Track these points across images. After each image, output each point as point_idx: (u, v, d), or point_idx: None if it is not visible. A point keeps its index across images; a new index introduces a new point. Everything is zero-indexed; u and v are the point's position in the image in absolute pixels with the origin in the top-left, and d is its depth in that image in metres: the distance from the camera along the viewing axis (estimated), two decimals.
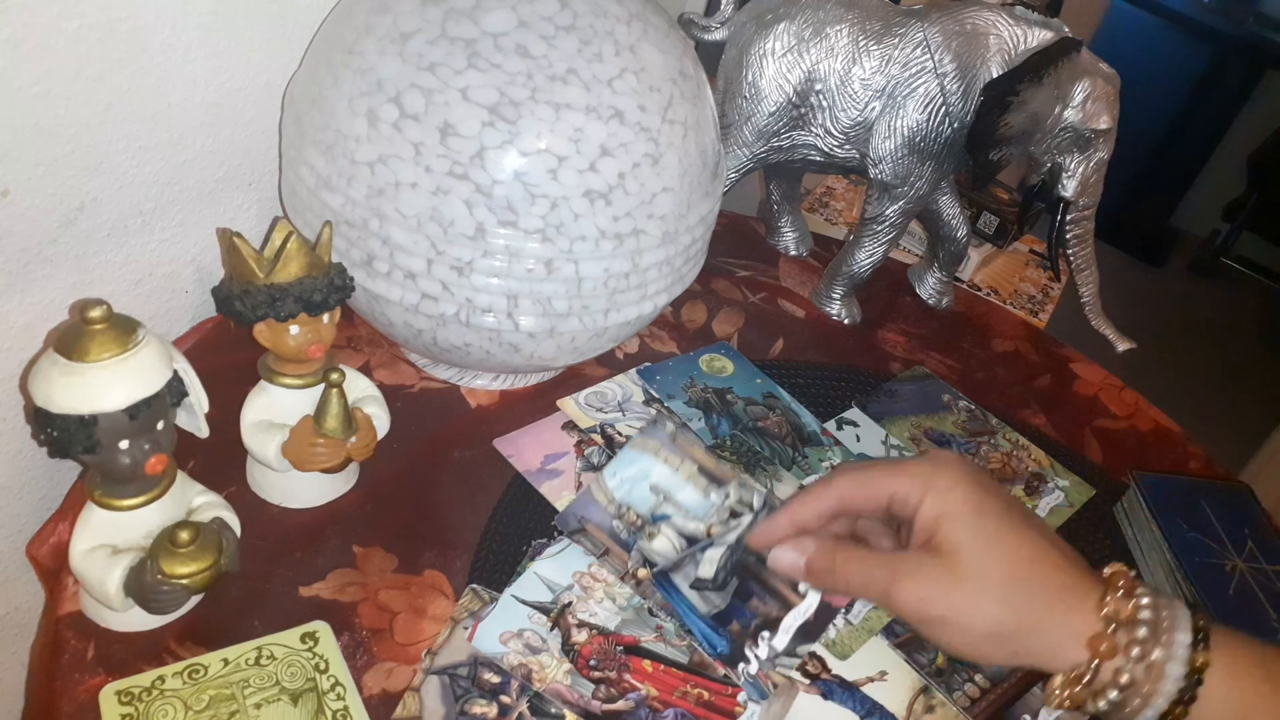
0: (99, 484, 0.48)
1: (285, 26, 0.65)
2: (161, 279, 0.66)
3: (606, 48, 0.56)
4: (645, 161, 0.57)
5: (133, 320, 0.46)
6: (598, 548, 0.57)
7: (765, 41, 0.78)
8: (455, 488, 0.62)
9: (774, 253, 0.96)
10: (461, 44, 0.54)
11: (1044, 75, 0.72)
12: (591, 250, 0.57)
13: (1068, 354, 0.92)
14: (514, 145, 0.54)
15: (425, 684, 0.49)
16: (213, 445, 0.54)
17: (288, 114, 0.62)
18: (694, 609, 0.55)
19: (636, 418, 0.68)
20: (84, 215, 0.58)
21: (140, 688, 0.46)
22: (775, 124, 0.79)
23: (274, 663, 0.48)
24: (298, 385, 0.55)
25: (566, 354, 0.63)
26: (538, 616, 0.53)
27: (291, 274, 0.52)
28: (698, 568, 0.57)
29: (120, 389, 0.45)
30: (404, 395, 0.67)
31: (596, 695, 0.50)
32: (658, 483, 0.61)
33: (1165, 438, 0.84)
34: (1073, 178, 0.78)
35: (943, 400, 0.80)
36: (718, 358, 0.76)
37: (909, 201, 0.80)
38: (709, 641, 0.54)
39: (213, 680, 0.47)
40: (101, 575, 0.47)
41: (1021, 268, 1.28)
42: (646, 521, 0.59)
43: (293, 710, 0.47)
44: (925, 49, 0.75)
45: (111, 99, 0.56)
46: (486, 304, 0.57)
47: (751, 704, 0.52)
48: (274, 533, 0.56)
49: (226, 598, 0.52)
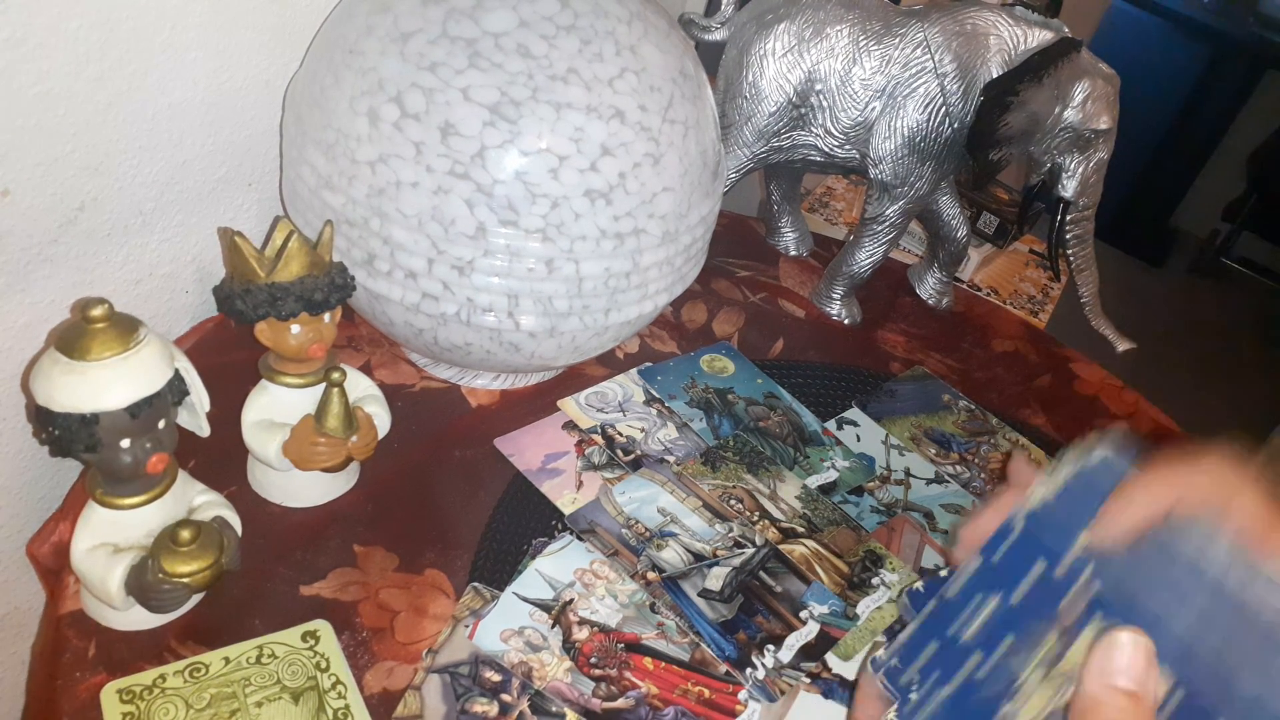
0: (100, 483, 0.48)
1: (286, 26, 0.65)
2: (162, 278, 0.66)
3: (607, 47, 0.56)
4: (646, 161, 0.57)
5: (134, 319, 0.46)
6: (607, 548, 0.58)
7: (766, 41, 0.78)
8: (456, 487, 0.62)
9: (774, 253, 0.96)
10: (462, 43, 0.54)
11: (1044, 75, 0.72)
12: (592, 250, 0.57)
13: (1068, 354, 0.92)
14: (515, 145, 0.54)
15: (426, 682, 0.49)
16: (214, 444, 0.54)
17: (288, 113, 0.62)
18: (702, 614, 0.55)
19: (637, 418, 0.68)
20: (84, 215, 0.58)
21: (141, 686, 0.46)
22: (775, 124, 0.80)
23: (275, 661, 0.48)
24: (299, 384, 0.55)
25: (567, 353, 0.63)
26: (539, 614, 0.54)
27: (293, 273, 0.52)
28: (705, 580, 0.57)
29: (121, 388, 0.45)
30: (405, 395, 0.67)
31: (597, 693, 0.50)
32: (665, 506, 0.61)
33: (1165, 438, 0.84)
34: (1073, 178, 0.78)
35: (943, 400, 0.80)
36: (718, 358, 0.76)
37: (909, 201, 0.80)
38: (717, 645, 0.54)
39: (214, 679, 0.47)
40: (103, 574, 0.47)
41: (1021, 268, 1.28)
42: (655, 535, 0.59)
43: (294, 709, 0.47)
44: (925, 49, 0.75)
45: (112, 99, 0.56)
46: (487, 303, 0.57)
47: (752, 702, 0.52)
48: (275, 532, 0.56)
49: (227, 597, 0.52)
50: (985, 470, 0.74)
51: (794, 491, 0.66)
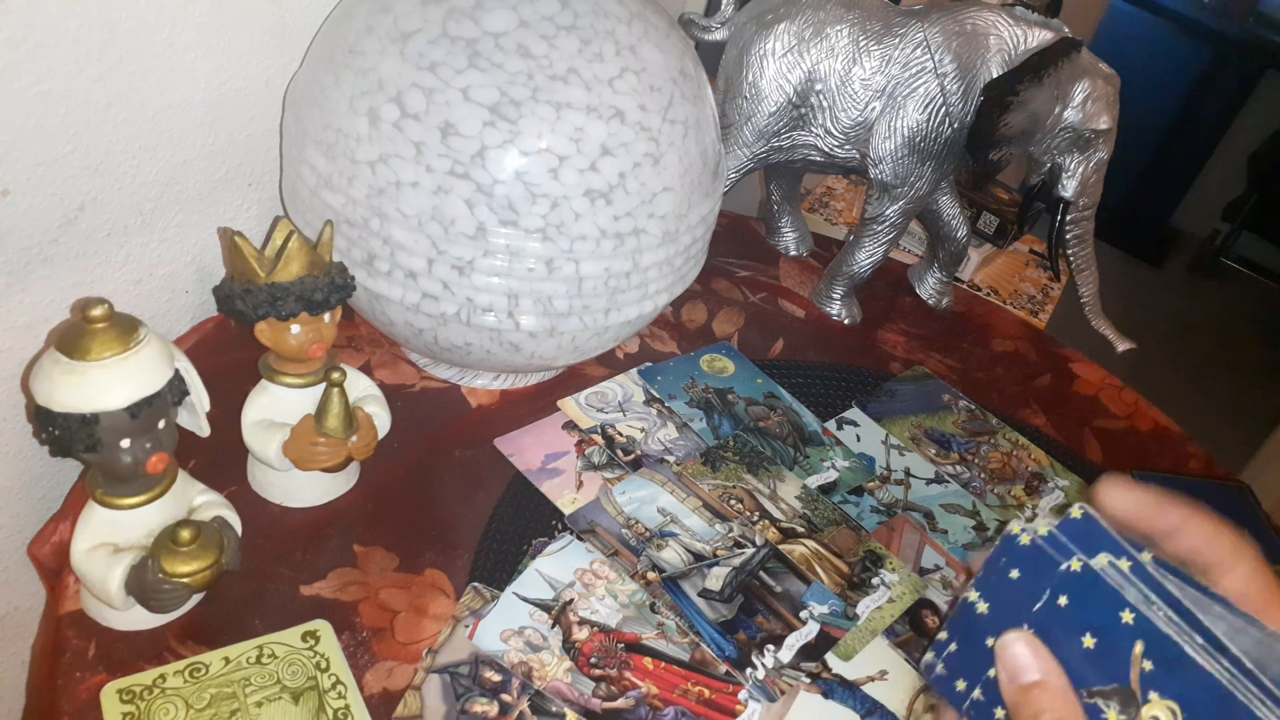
0: (100, 483, 0.48)
1: (286, 26, 0.65)
2: (162, 279, 0.66)
3: (607, 47, 0.56)
4: (646, 161, 0.57)
5: (134, 319, 0.46)
6: (607, 548, 0.58)
7: (766, 41, 0.78)
8: (456, 487, 0.62)
9: (774, 253, 0.96)
10: (462, 43, 0.54)
11: (1044, 75, 0.72)
12: (592, 250, 0.57)
13: (1068, 354, 0.92)
14: (515, 145, 0.54)
15: (426, 683, 0.49)
16: (214, 444, 0.54)
17: (288, 113, 0.62)
18: (702, 614, 0.55)
19: (637, 418, 0.68)
20: (84, 215, 0.58)
21: (141, 686, 0.46)
22: (775, 124, 0.80)
23: (275, 661, 0.48)
24: (299, 384, 0.55)
25: (567, 353, 0.63)
26: (539, 614, 0.54)
27: (293, 273, 0.52)
28: (705, 580, 0.57)
29: (121, 388, 0.45)
30: (405, 395, 0.67)
31: (597, 693, 0.50)
32: (665, 506, 0.61)
33: (1165, 438, 0.84)
34: (1073, 178, 0.78)
35: (943, 400, 0.80)
36: (718, 358, 0.76)
37: (909, 201, 0.80)
38: (717, 645, 0.54)
39: (214, 679, 0.47)
40: (103, 574, 0.47)
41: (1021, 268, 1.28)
42: (655, 535, 0.59)
43: (294, 709, 0.47)
44: (925, 49, 0.75)
45: (112, 99, 0.56)
46: (487, 303, 0.57)
47: (752, 702, 0.52)
48: (275, 532, 0.56)
49: (227, 597, 0.52)
50: (985, 470, 0.74)
51: (794, 491, 0.66)
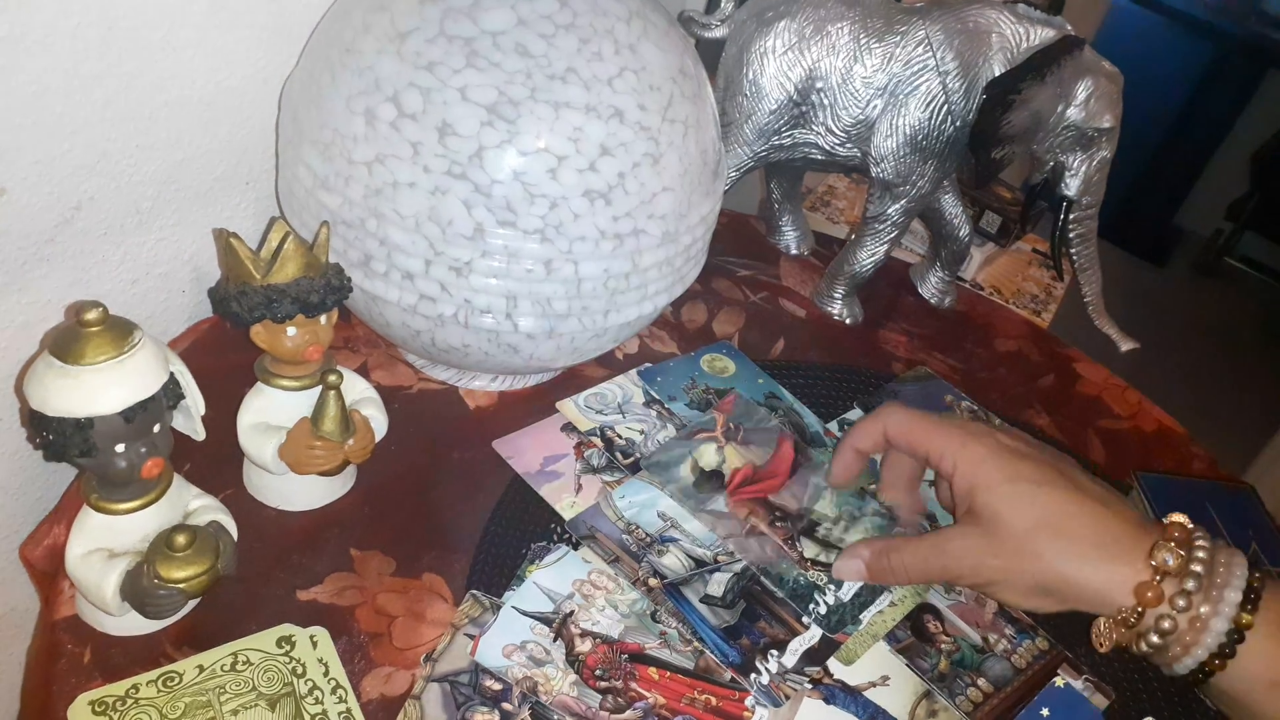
0: (95, 487, 0.48)
1: (283, 25, 0.64)
2: (158, 279, 0.66)
3: (606, 46, 0.55)
4: (645, 161, 0.56)
5: (129, 322, 0.46)
6: (608, 554, 0.57)
7: (766, 39, 0.77)
8: (454, 489, 0.61)
9: (775, 252, 0.95)
10: (460, 42, 0.53)
11: (1047, 73, 0.71)
12: (591, 250, 0.56)
13: (1071, 354, 0.91)
14: (513, 145, 0.53)
15: (426, 692, 0.49)
16: (209, 448, 0.53)
17: (285, 113, 0.61)
18: (705, 620, 0.55)
19: (637, 420, 0.68)
20: (81, 214, 0.58)
21: (114, 697, 0.45)
22: (776, 122, 0.79)
23: (250, 668, 0.48)
24: (295, 387, 0.55)
25: (566, 355, 0.63)
26: (540, 627, 0.53)
27: (288, 275, 0.51)
28: (706, 586, 0.57)
29: (116, 392, 0.44)
30: (402, 396, 0.67)
31: (605, 706, 0.50)
32: (665, 511, 0.61)
33: (1168, 438, 0.83)
34: (1076, 176, 0.77)
35: (945, 400, 0.79)
36: (719, 358, 0.76)
37: (911, 200, 0.80)
38: (721, 652, 0.53)
39: (188, 687, 0.46)
40: (98, 579, 0.47)
41: (1024, 267, 1.28)
42: (655, 541, 0.59)
43: (270, 715, 0.46)
44: (927, 47, 0.74)
45: (109, 97, 0.56)
46: (485, 305, 0.57)
47: (760, 709, 0.52)
48: (271, 536, 0.56)
49: (224, 602, 0.51)
50: None
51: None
